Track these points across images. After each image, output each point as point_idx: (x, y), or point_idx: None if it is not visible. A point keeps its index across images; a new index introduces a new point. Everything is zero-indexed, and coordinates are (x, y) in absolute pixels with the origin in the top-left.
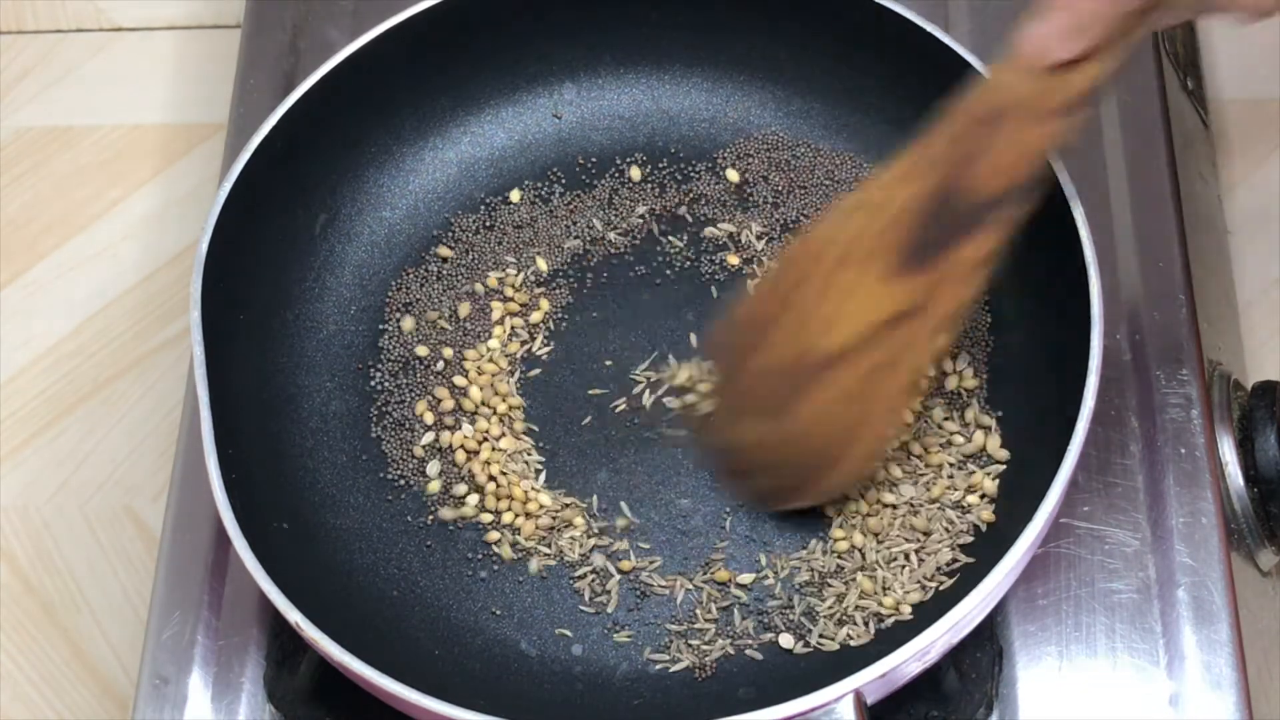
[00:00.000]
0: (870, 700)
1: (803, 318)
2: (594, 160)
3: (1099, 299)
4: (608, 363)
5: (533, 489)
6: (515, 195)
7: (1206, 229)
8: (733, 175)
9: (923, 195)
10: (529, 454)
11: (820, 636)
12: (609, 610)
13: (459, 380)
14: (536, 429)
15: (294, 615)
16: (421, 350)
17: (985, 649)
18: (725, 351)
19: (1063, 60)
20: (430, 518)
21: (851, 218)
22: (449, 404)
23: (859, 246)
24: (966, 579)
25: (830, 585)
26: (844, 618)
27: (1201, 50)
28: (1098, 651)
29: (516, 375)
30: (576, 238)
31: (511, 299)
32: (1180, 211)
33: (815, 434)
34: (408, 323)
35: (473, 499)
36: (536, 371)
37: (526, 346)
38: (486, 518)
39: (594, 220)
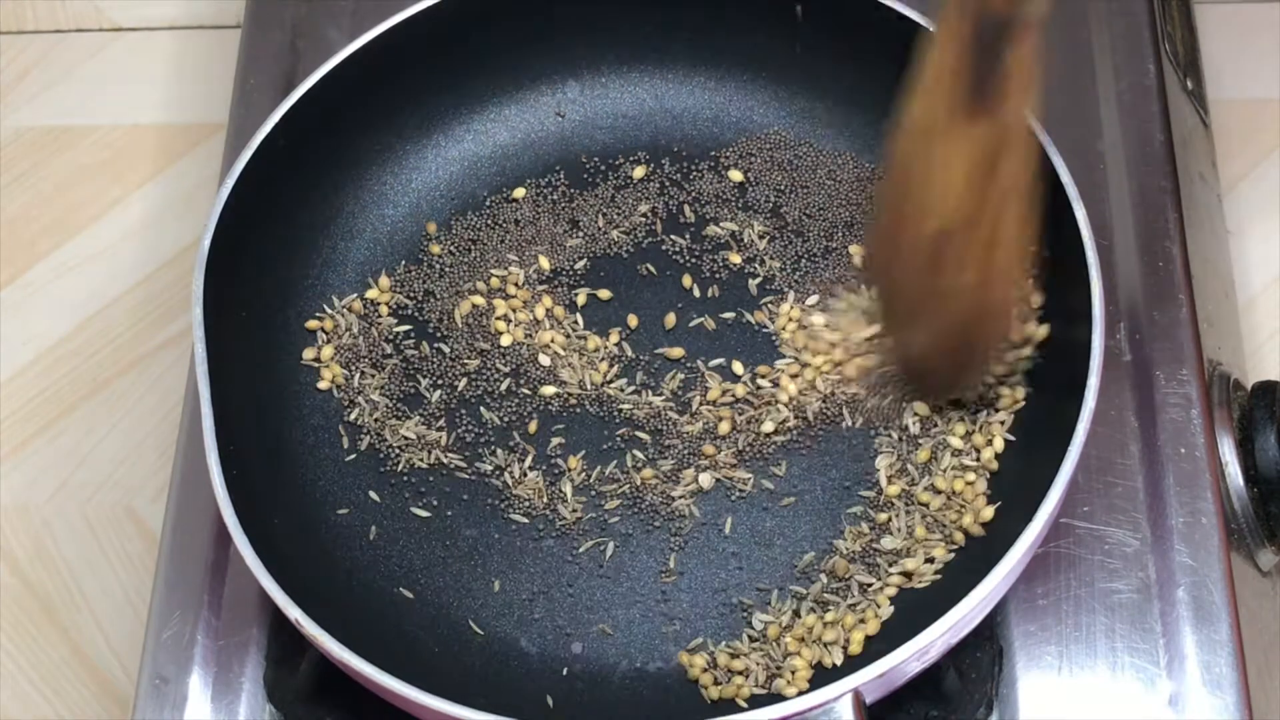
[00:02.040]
0: (869, 699)
1: (925, 202)
2: (597, 159)
3: (1099, 299)
4: (604, 358)
5: (524, 492)
6: (519, 193)
7: (1206, 229)
8: (735, 175)
9: (963, 43)
10: (526, 454)
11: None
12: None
13: (461, 378)
14: (533, 426)
15: (294, 612)
16: (423, 349)
17: (985, 649)
18: (881, 267)
19: None
20: (430, 517)
21: (922, 102)
22: (449, 402)
23: (937, 117)
24: (967, 579)
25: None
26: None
27: (1201, 50)
28: (1098, 651)
29: (519, 373)
30: (579, 236)
31: (514, 297)
32: (1180, 211)
33: (978, 300)
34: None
35: (472, 498)
36: (540, 371)
37: (528, 346)
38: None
39: (596, 219)
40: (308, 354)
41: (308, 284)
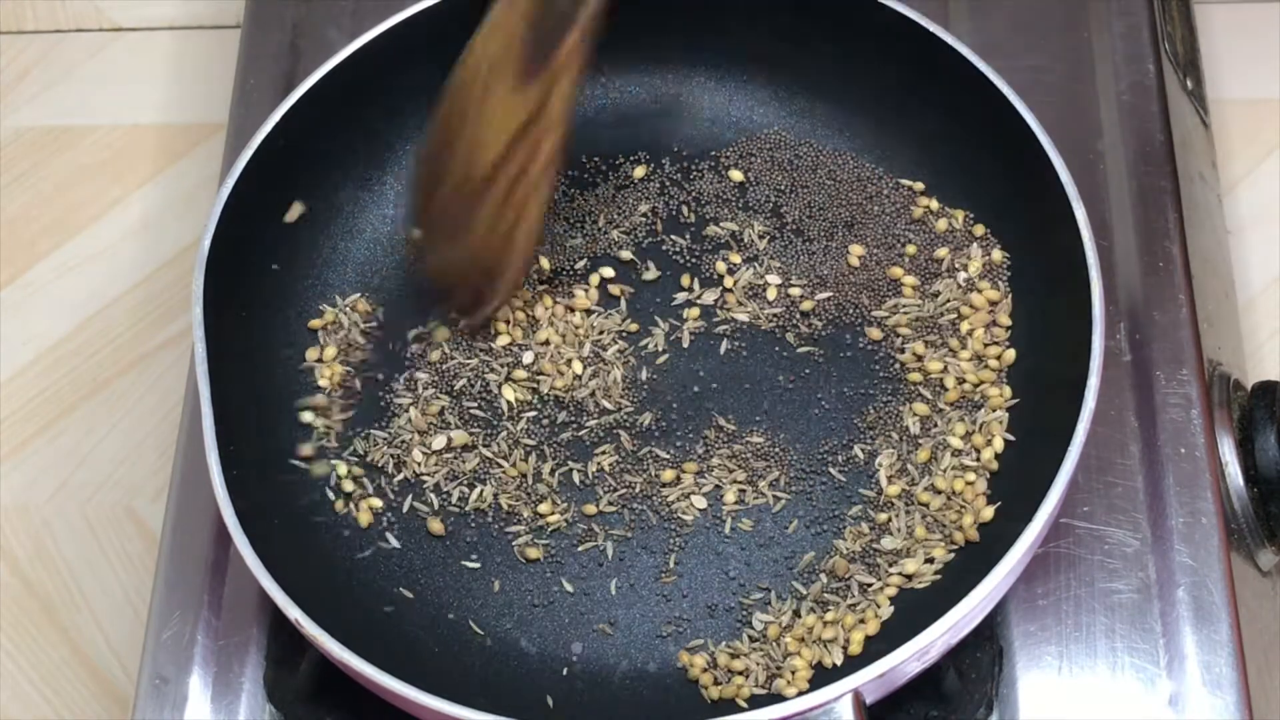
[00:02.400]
0: (869, 700)
1: (465, 144)
2: (597, 159)
3: (1100, 299)
4: (603, 356)
5: (523, 491)
6: None
7: (1206, 229)
8: (735, 175)
9: (528, 9)
10: (526, 453)
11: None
12: (609, 608)
13: (459, 378)
14: (533, 425)
15: (294, 612)
16: (422, 348)
17: (985, 649)
18: (419, 187)
19: None
20: (430, 515)
21: (485, 46)
22: (448, 401)
23: (494, 69)
24: (967, 579)
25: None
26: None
27: (1201, 50)
28: (1098, 651)
29: (519, 373)
30: (579, 236)
31: (514, 296)
32: (1180, 211)
33: (487, 244)
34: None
35: (472, 497)
36: (540, 371)
37: (527, 345)
38: (487, 514)
39: (597, 218)
40: (310, 354)
41: (308, 283)
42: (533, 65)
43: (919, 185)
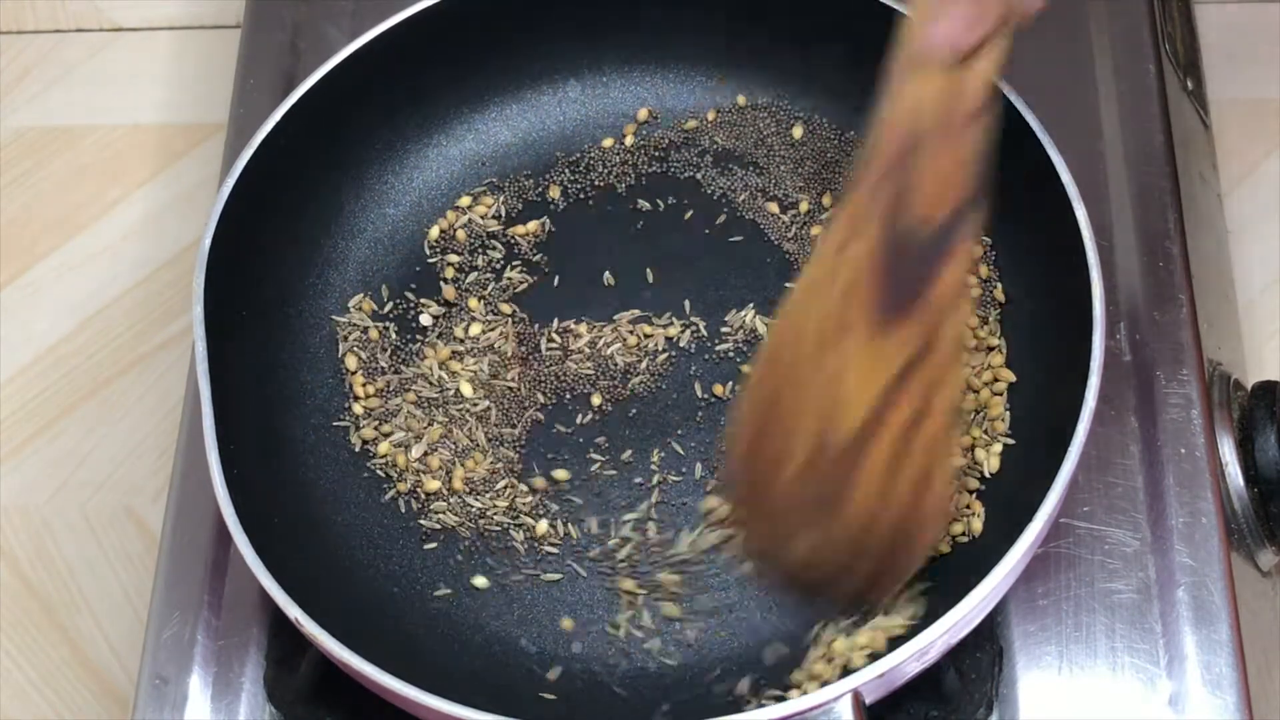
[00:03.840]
0: (869, 700)
1: (811, 415)
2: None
3: (1100, 299)
4: (602, 354)
5: (523, 491)
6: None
7: (1206, 229)
8: (736, 174)
9: (871, 248)
10: (524, 452)
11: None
12: (609, 608)
13: (460, 379)
14: (533, 425)
15: (294, 611)
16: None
17: (985, 649)
18: (745, 478)
19: (970, 46)
20: (431, 515)
21: (812, 300)
22: (446, 400)
23: (833, 323)
24: (966, 579)
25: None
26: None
27: (1201, 50)
28: (1098, 652)
29: (513, 372)
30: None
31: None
32: (1180, 211)
33: (877, 517)
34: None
35: (471, 496)
36: (540, 371)
37: (527, 344)
38: (486, 513)
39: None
40: (349, 363)
41: (308, 283)
42: (893, 309)
43: None
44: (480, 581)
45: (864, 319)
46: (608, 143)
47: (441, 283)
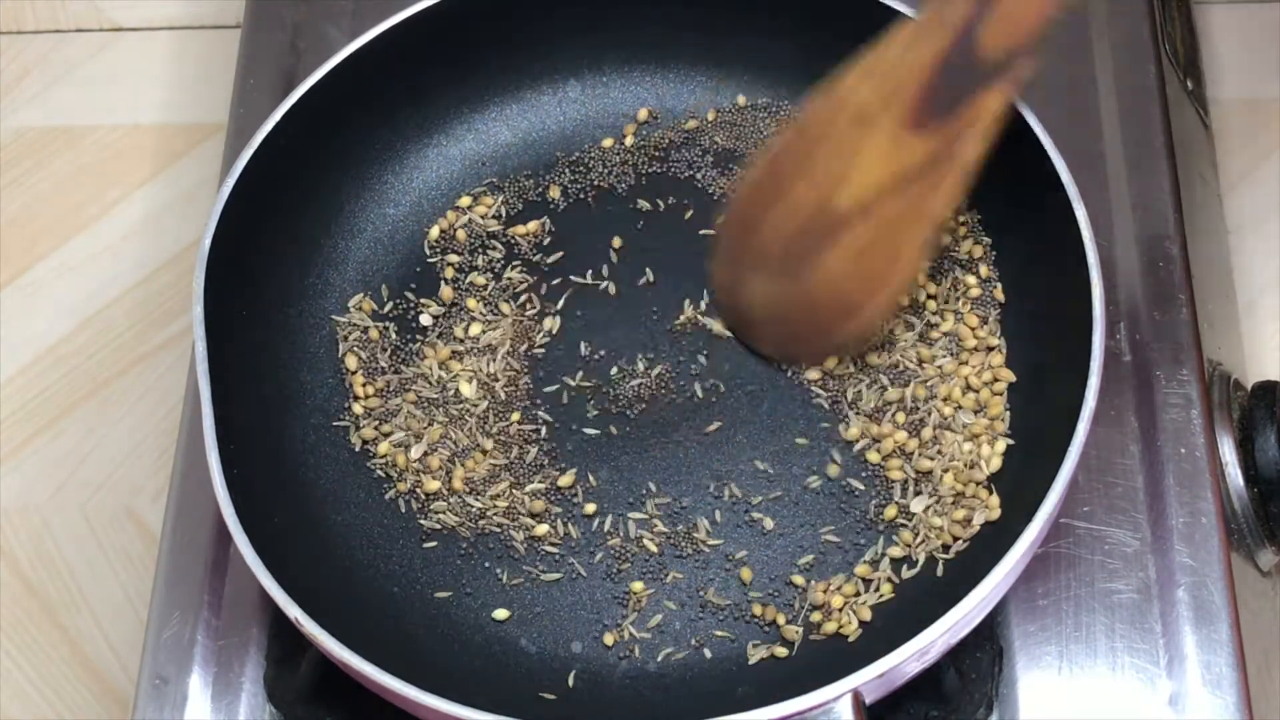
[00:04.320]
0: (869, 699)
1: (823, 174)
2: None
3: (1100, 299)
4: (602, 353)
5: (522, 491)
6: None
7: (1206, 229)
8: (737, 173)
9: (936, 53)
10: (524, 452)
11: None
12: (610, 609)
13: (460, 379)
14: (533, 425)
15: (293, 610)
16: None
17: (985, 649)
18: (743, 208)
19: None
20: (431, 515)
21: (868, 76)
22: (446, 400)
23: (876, 103)
24: (966, 578)
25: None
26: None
27: (1201, 50)
28: (1098, 652)
29: (513, 372)
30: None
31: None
32: (1180, 211)
33: (831, 288)
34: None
35: (471, 496)
36: (541, 370)
37: (527, 344)
38: (486, 513)
39: (597, 216)
40: (350, 362)
41: (309, 283)
42: (928, 115)
43: None
44: (481, 581)
45: (899, 112)
46: (608, 143)
47: (441, 283)
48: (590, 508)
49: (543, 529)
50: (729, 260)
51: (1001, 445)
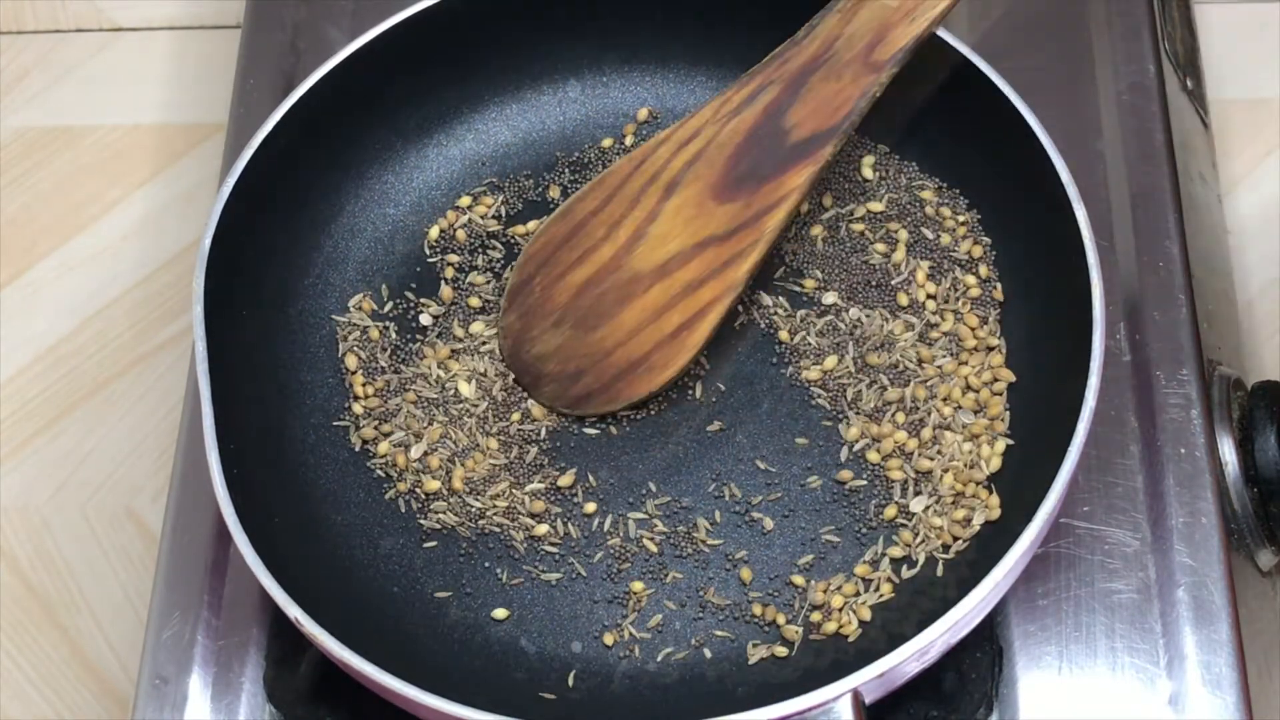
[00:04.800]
0: (869, 699)
1: (625, 233)
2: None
3: (1100, 300)
4: None
5: (522, 491)
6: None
7: (1206, 229)
8: None
9: (744, 129)
10: (524, 452)
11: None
12: (610, 611)
13: (459, 379)
14: (533, 425)
15: (293, 610)
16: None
17: (985, 649)
18: (541, 259)
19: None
20: (431, 514)
21: (677, 145)
22: (446, 400)
23: (682, 171)
24: (966, 578)
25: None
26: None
27: (1201, 50)
28: (1098, 652)
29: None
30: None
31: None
32: (1180, 211)
33: (625, 344)
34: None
35: (471, 496)
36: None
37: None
38: (486, 513)
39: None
40: (350, 361)
41: (309, 282)
42: (733, 187)
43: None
44: (481, 581)
45: (706, 180)
46: (607, 143)
47: (441, 282)
48: (590, 507)
49: (543, 529)
50: (522, 310)
51: (1001, 445)
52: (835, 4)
